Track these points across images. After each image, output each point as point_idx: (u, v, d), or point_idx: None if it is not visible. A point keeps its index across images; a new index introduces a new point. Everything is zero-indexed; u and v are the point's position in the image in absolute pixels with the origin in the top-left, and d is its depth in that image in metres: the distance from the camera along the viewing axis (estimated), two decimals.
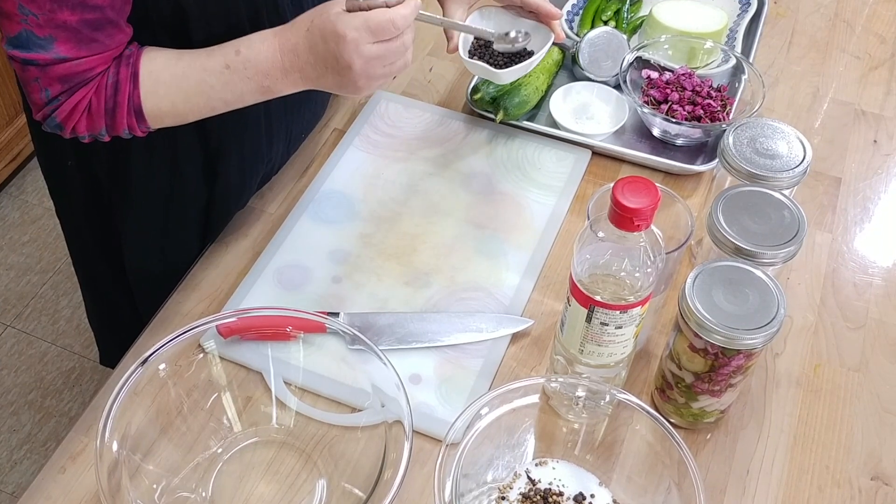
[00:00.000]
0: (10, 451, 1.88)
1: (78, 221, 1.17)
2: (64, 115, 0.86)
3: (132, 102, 0.87)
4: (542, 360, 0.99)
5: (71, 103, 0.86)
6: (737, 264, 0.86)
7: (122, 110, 0.87)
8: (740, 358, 0.84)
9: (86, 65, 0.84)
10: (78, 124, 0.88)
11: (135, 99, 0.87)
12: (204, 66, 0.88)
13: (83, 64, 0.84)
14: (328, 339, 0.97)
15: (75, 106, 0.86)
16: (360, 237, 1.10)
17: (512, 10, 1.11)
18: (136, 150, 1.02)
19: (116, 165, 1.03)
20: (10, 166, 2.33)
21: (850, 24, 1.46)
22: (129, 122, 0.88)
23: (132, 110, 0.88)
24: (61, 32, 0.80)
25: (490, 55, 1.10)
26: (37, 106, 0.87)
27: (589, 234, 0.80)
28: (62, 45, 0.81)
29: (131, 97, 0.87)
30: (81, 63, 0.83)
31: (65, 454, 0.91)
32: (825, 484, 0.91)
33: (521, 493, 0.86)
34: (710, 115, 1.19)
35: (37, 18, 0.79)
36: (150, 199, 1.08)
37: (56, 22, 0.79)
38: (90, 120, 0.88)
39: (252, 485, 0.88)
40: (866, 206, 1.18)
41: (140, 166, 1.04)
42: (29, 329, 2.10)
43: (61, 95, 0.85)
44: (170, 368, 0.88)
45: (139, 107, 0.88)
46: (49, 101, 0.85)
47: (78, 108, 0.86)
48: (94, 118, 0.88)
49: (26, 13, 0.78)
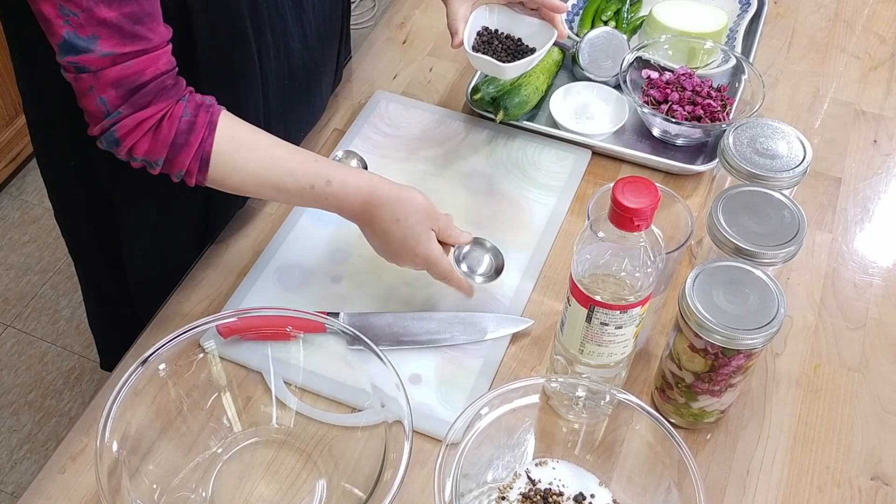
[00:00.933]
0: (10, 451, 1.88)
1: (78, 222, 1.17)
2: (126, 129, 0.85)
3: (202, 149, 0.87)
4: (542, 360, 0.99)
5: (136, 119, 0.84)
6: (737, 264, 0.86)
7: (189, 150, 0.87)
8: (740, 358, 0.84)
9: (135, 66, 0.83)
10: (139, 143, 0.86)
11: (206, 147, 0.87)
12: (291, 172, 0.91)
13: (132, 66, 0.82)
14: (328, 339, 0.97)
15: (140, 123, 0.85)
16: (360, 237, 1.09)
17: (516, 6, 1.11)
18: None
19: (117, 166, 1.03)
20: (10, 166, 2.33)
21: (850, 24, 1.46)
22: (190, 165, 0.88)
23: (199, 156, 0.87)
24: (103, 30, 0.80)
25: (493, 51, 1.10)
26: (95, 118, 0.85)
27: (589, 234, 0.80)
28: (106, 42, 0.80)
29: (203, 143, 0.87)
30: (131, 65, 0.82)
31: (65, 454, 0.91)
32: (825, 484, 0.91)
33: (521, 493, 0.86)
34: (710, 115, 1.19)
35: (77, 17, 0.79)
36: (151, 199, 1.08)
37: (97, 19, 0.79)
38: (153, 143, 0.86)
39: (252, 485, 0.88)
40: (866, 206, 1.18)
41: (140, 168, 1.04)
42: (29, 329, 2.10)
43: (122, 106, 0.84)
44: (170, 368, 0.88)
45: (208, 156, 0.87)
46: (109, 113, 0.84)
47: (143, 125, 0.85)
48: (158, 143, 0.86)
49: (67, 13, 0.78)
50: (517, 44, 1.12)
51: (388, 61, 1.37)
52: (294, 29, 1.03)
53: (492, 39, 1.11)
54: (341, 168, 0.94)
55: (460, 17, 1.07)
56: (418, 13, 1.45)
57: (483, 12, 1.11)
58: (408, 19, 1.44)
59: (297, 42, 1.05)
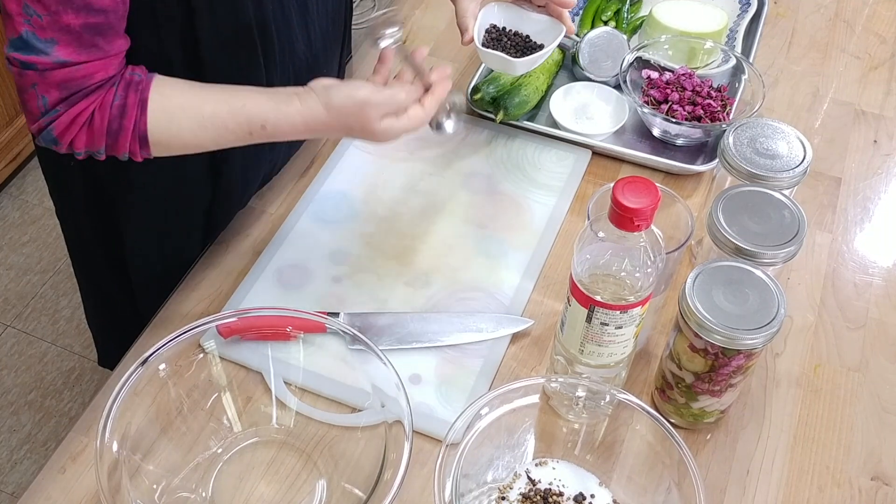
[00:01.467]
0: (10, 451, 1.88)
1: (79, 222, 1.17)
2: (62, 127, 0.85)
3: (137, 128, 0.87)
4: (542, 360, 0.99)
5: (70, 115, 0.84)
6: (737, 264, 0.86)
7: (125, 134, 0.87)
8: (740, 358, 0.84)
9: (84, 70, 0.83)
10: (76, 138, 0.86)
11: (141, 126, 0.87)
12: (225, 125, 0.89)
13: (82, 70, 0.83)
14: (328, 339, 0.97)
15: (75, 118, 0.85)
16: (360, 237, 1.10)
17: (523, 3, 1.11)
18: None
19: (119, 165, 1.03)
20: (10, 166, 2.33)
21: (850, 24, 1.46)
22: (131, 147, 0.88)
23: (136, 136, 0.87)
24: (63, 36, 0.80)
25: (503, 48, 1.10)
26: (33, 116, 0.85)
27: (589, 234, 0.80)
28: (63, 49, 0.81)
29: (137, 124, 0.87)
30: (80, 69, 0.82)
31: (65, 454, 0.91)
32: (825, 484, 0.91)
33: (521, 494, 0.86)
34: (710, 115, 1.19)
35: (40, 20, 0.79)
36: (153, 199, 1.08)
37: (60, 24, 0.79)
38: (90, 136, 0.86)
39: (252, 485, 0.88)
40: (866, 206, 1.18)
41: (143, 167, 1.03)
42: (29, 329, 2.10)
43: (60, 105, 0.84)
44: (170, 368, 0.88)
45: (144, 134, 0.87)
46: (46, 112, 0.84)
47: (77, 120, 0.85)
48: (95, 135, 0.86)
49: (31, 13, 0.78)
50: (525, 41, 1.12)
51: None
52: (299, 31, 1.03)
53: (500, 36, 1.11)
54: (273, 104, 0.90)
55: (469, 15, 1.06)
56: (418, 13, 1.46)
57: (491, 9, 1.11)
58: (408, 19, 1.44)
59: (301, 44, 1.05)
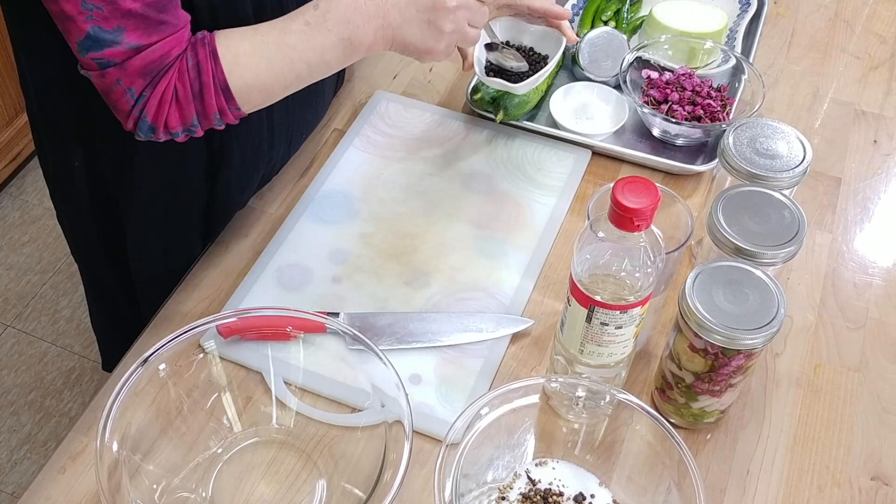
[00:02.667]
0: (10, 451, 1.88)
1: (82, 223, 1.17)
2: (153, 110, 0.84)
3: (217, 80, 0.86)
4: (542, 360, 0.99)
5: (156, 97, 0.84)
6: (737, 264, 0.86)
7: (209, 91, 0.85)
8: (740, 358, 0.84)
9: (161, 49, 0.82)
10: (169, 118, 0.85)
11: (219, 76, 0.85)
12: (283, 29, 0.87)
13: (157, 50, 0.82)
14: (328, 339, 0.97)
15: (161, 98, 0.84)
16: (360, 237, 1.10)
17: (522, 17, 1.11)
18: (142, 149, 1.02)
19: (122, 165, 1.03)
20: (10, 166, 2.33)
21: (850, 24, 1.46)
22: (218, 103, 0.86)
23: (219, 88, 0.86)
24: (128, 21, 0.79)
25: (505, 59, 1.10)
26: (125, 112, 0.84)
27: (589, 234, 0.80)
28: (132, 34, 0.80)
29: (215, 75, 0.85)
30: (155, 49, 0.81)
31: (65, 454, 0.91)
32: (825, 484, 0.91)
33: (521, 494, 0.86)
34: (710, 115, 1.19)
35: (101, 11, 0.78)
36: (154, 198, 1.08)
37: (121, 11, 0.78)
38: (180, 109, 0.85)
39: (252, 485, 0.88)
40: (866, 206, 1.18)
41: (145, 166, 1.04)
42: (29, 329, 2.10)
43: (146, 90, 0.83)
44: (170, 368, 0.88)
45: (225, 83, 0.86)
46: (136, 102, 0.83)
47: (164, 99, 0.84)
48: (183, 106, 0.85)
49: (90, 8, 0.78)
50: (528, 53, 1.13)
51: (388, 61, 1.37)
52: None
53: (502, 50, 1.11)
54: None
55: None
56: None
57: (487, 28, 1.11)
58: None
59: None
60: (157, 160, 1.04)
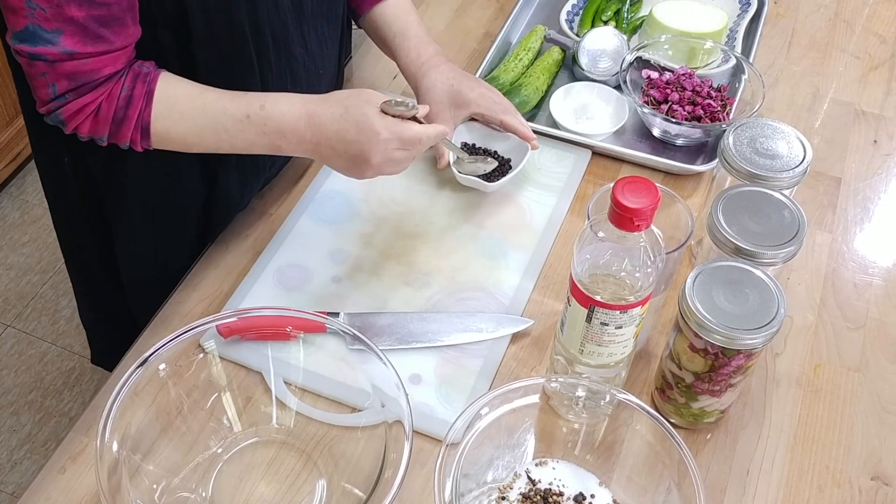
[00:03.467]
0: (10, 451, 1.88)
1: (72, 220, 1.17)
2: (69, 113, 0.87)
3: (141, 119, 0.89)
4: (542, 360, 0.99)
5: (78, 104, 0.86)
6: (737, 264, 0.86)
7: (129, 123, 0.89)
8: (740, 358, 0.84)
9: (93, 64, 0.84)
10: (81, 125, 0.88)
11: (145, 116, 0.89)
12: (224, 109, 0.91)
13: (90, 63, 0.84)
14: (328, 339, 0.97)
15: (83, 108, 0.87)
16: (360, 237, 1.10)
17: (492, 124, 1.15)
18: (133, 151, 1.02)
19: (112, 165, 1.03)
20: (10, 166, 2.33)
21: (850, 24, 1.46)
22: (133, 136, 0.90)
23: (139, 126, 0.89)
24: (69, 26, 0.81)
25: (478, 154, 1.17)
26: (42, 101, 0.87)
27: (589, 234, 0.80)
28: (69, 39, 0.82)
29: (142, 114, 0.89)
30: (89, 62, 0.84)
31: (65, 454, 0.91)
32: (825, 484, 0.91)
33: (521, 493, 0.86)
34: (710, 115, 1.19)
35: (44, 12, 0.79)
36: (146, 201, 1.08)
37: (64, 16, 0.80)
38: (95, 124, 0.89)
39: (252, 485, 0.88)
40: (866, 206, 1.18)
41: (136, 168, 1.03)
42: (29, 329, 2.10)
43: (69, 94, 0.85)
44: (170, 368, 0.88)
45: (147, 125, 0.89)
46: (56, 97, 0.86)
47: (85, 110, 0.87)
48: (99, 123, 0.89)
49: (34, 7, 0.79)
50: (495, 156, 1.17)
51: (388, 61, 1.36)
52: (294, 31, 1.03)
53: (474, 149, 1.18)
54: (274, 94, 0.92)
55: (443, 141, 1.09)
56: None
57: (462, 130, 1.17)
58: None
59: (297, 45, 1.04)
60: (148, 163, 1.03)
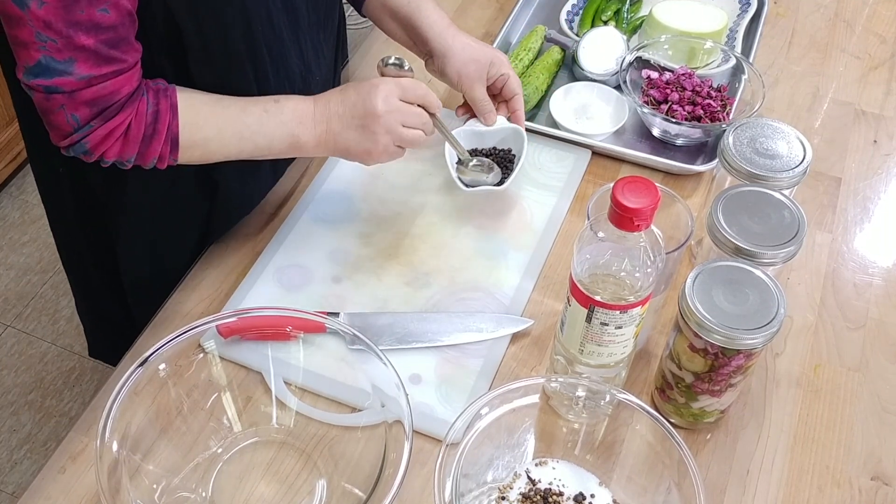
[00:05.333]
0: (10, 451, 1.88)
1: (70, 227, 1.16)
2: (97, 140, 0.86)
3: (171, 131, 0.90)
4: (542, 360, 0.99)
5: (107, 128, 0.85)
6: (737, 264, 0.86)
7: (160, 137, 0.89)
8: (740, 358, 0.84)
9: (112, 87, 0.84)
10: (109, 150, 0.87)
11: (173, 128, 0.90)
12: (242, 108, 0.95)
13: (109, 86, 0.83)
14: (328, 339, 0.97)
15: (111, 132, 0.86)
16: (360, 237, 1.10)
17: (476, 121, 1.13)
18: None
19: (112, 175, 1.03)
20: (10, 166, 2.33)
21: (850, 24, 1.46)
22: (162, 150, 0.90)
23: (169, 139, 0.90)
24: (80, 54, 0.80)
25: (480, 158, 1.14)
26: (62, 134, 0.85)
27: (589, 234, 0.80)
28: (83, 65, 0.81)
29: (170, 126, 0.90)
30: (107, 85, 0.83)
31: (65, 454, 0.91)
32: (825, 484, 0.91)
33: (521, 493, 0.86)
34: (710, 115, 1.19)
35: (56, 43, 0.79)
36: (146, 207, 1.07)
37: (75, 45, 0.79)
38: (124, 145, 0.88)
39: (252, 485, 0.88)
40: (866, 206, 1.18)
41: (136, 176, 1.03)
42: (29, 329, 2.10)
43: (94, 121, 0.84)
44: (170, 368, 0.88)
45: (176, 136, 0.90)
46: (79, 128, 0.84)
47: (114, 133, 0.86)
48: (129, 144, 0.88)
49: (45, 39, 0.78)
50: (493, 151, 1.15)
51: None
52: (290, 45, 1.03)
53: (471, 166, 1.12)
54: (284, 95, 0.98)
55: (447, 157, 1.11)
56: None
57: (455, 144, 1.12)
58: None
59: (294, 58, 1.04)
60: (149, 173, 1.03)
